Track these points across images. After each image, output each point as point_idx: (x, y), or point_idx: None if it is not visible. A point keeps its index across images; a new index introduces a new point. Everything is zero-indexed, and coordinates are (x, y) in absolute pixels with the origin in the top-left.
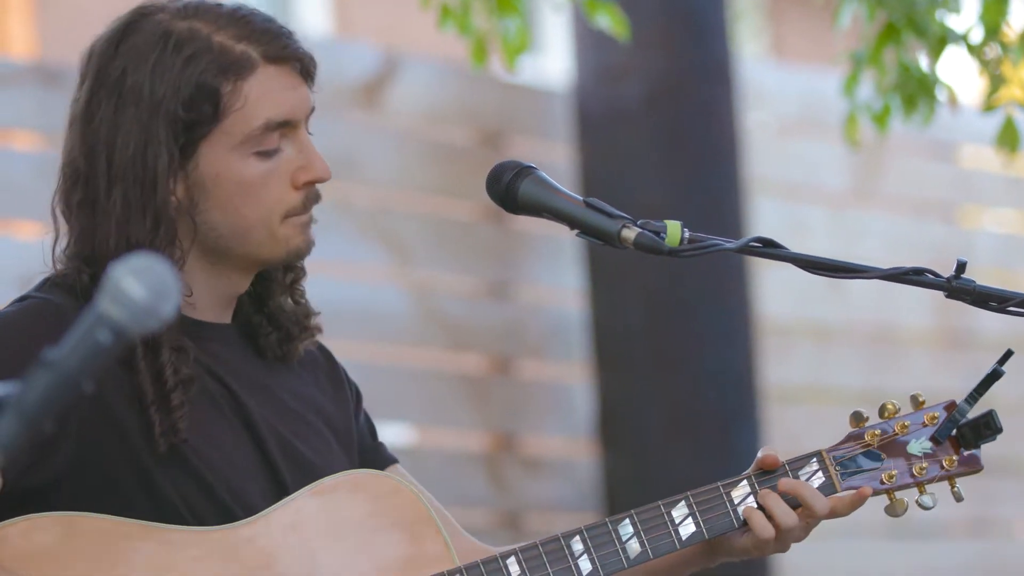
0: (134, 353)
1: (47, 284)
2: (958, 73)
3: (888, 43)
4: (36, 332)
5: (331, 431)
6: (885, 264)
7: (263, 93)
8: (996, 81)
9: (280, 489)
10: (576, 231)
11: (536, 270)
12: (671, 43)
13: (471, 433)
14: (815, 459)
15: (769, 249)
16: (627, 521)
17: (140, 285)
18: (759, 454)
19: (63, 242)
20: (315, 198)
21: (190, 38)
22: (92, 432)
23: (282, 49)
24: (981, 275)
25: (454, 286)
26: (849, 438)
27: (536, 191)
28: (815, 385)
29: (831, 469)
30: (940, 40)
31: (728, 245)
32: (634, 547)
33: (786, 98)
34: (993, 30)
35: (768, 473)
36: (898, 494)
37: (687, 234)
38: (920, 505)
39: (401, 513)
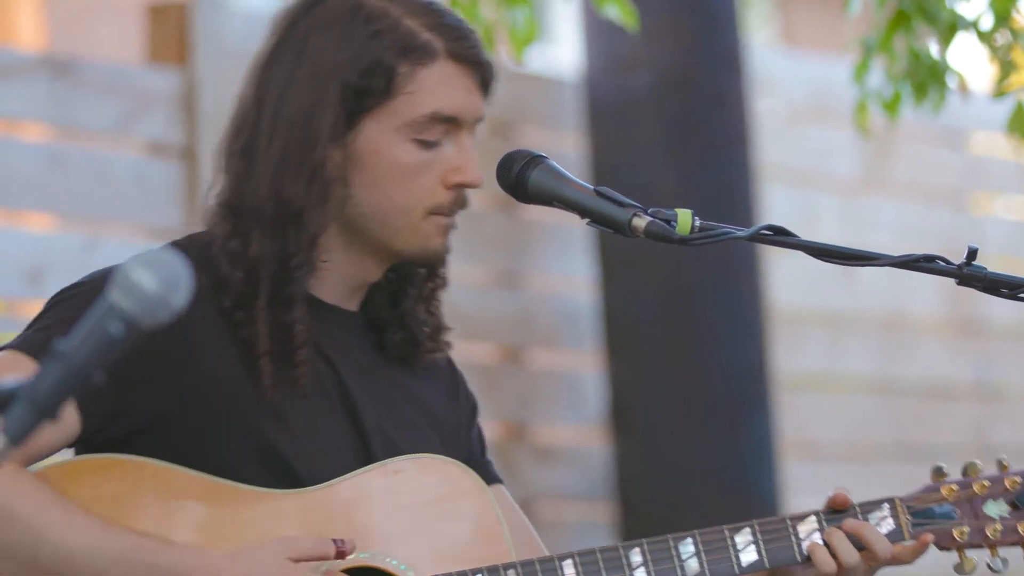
0: (250, 302)
1: (170, 244)
2: (968, 60)
3: (898, 30)
4: None
5: (436, 433)
6: (896, 251)
7: (437, 84)
8: (1007, 67)
9: None
10: (587, 220)
11: (547, 259)
12: (681, 32)
13: (482, 422)
14: (887, 505)
15: (780, 237)
16: (689, 540)
17: (151, 276)
18: (831, 492)
19: (216, 190)
20: (462, 203)
21: (380, 15)
22: (178, 383)
23: (466, 49)
24: (992, 262)
25: (464, 275)
26: (926, 490)
27: (546, 180)
28: (827, 373)
29: (902, 517)
30: (950, 27)
31: (739, 233)
32: (693, 566)
33: (796, 86)
34: (1003, 17)
35: (837, 512)
36: (968, 552)
37: (698, 222)
38: (990, 567)
39: (466, 503)
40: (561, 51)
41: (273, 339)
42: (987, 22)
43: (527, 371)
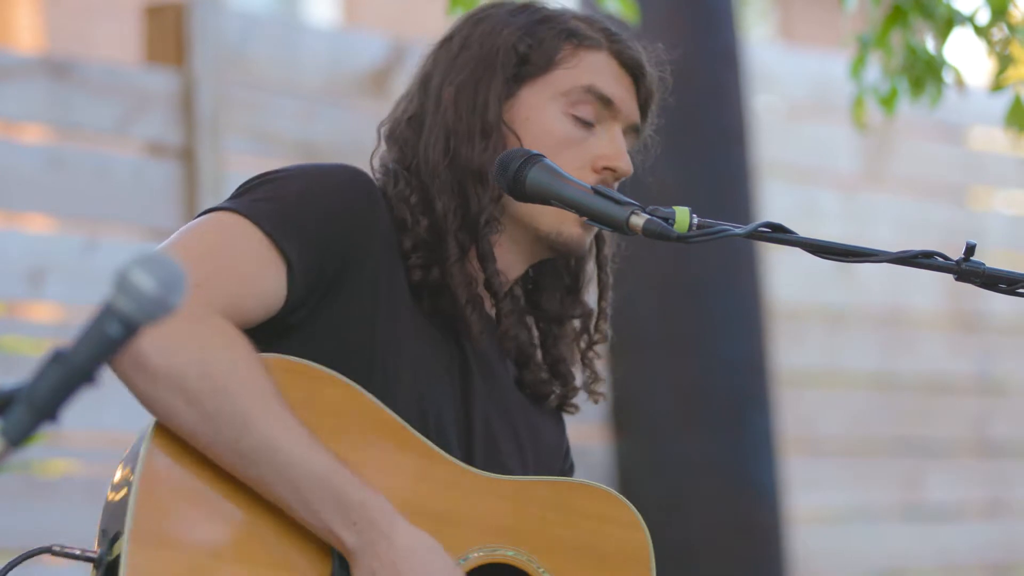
0: (439, 252)
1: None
2: (966, 55)
3: (895, 25)
4: (352, 186)
5: (533, 452)
6: (895, 247)
7: (597, 66)
8: (1004, 62)
9: (467, 462)
10: (584, 218)
11: None
12: (678, 28)
13: None
14: None
15: (778, 234)
16: None
17: (149, 277)
18: None
19: (378, 159)
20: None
21: (549, 12)
22: (356, 290)
23: (626, 51)
24: (991, 257)
25: None
26: None
27: (544, 178)
28: (827, 369)
29: None
30: (947, 22)
31: (737, 230)
32: None
33: (795, 81)
34: (1000, 11)
35: None
36: None
37: (696, 220)
38: None
39: (625, 539)
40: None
41: (469, 290)
42: (984, 16)
43: None
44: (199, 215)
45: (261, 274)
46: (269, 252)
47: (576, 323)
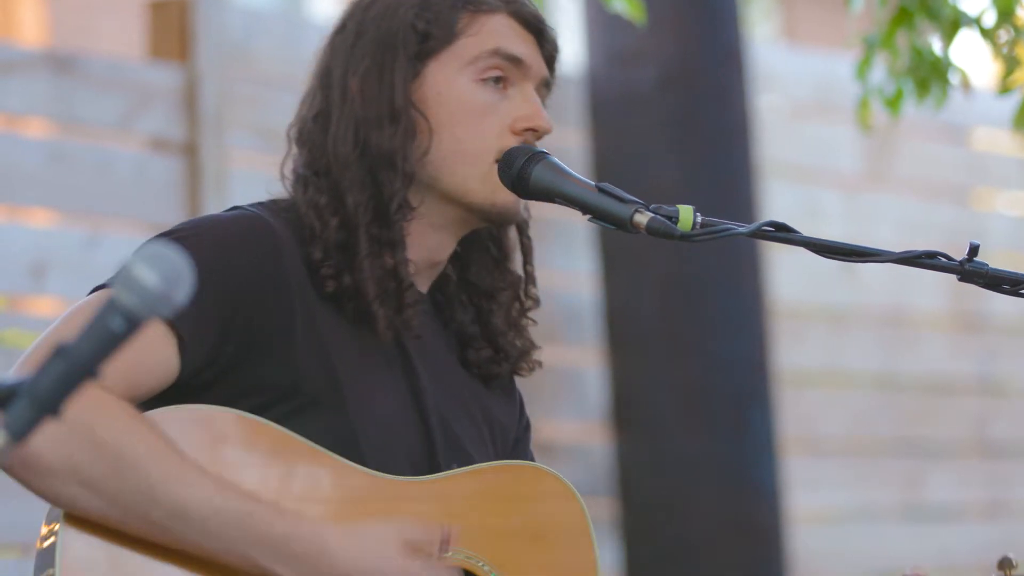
0: (350, 249)
1: (256, 204)
2: (971, 56)
3: (901, 27)
4: (243, 238)
5: (488, 429)
6: (898, 247)
7: (499, 29)
8: (1010, 63)
9: (431, 461)
10: (588, 216)
11: (549, 255)
12: (683, 27)
13: None
14: None
15: (781, 233)
16: None
17: (153, 272)
18: (908, 572)
19: (288, 166)
20: None
21: None
22: (266, 335)
23: (524, 8)
24: (994, 258)
25: None
26: None
27: (548, 176)
28: (828, 369)
29: None
30: (953, 23)
31: (740, 229)
32: None
33: (798, 81)
34: (1006, 13)
35: None
36: None
37: (699, 218)
38: None
39: (562, 518)
40: (563, 46)
41: (380, 284)
42: (990, 18)
43: None
44: (89, 292)
45: (148, 350)
46: (156, 326)
47: (507, 293)
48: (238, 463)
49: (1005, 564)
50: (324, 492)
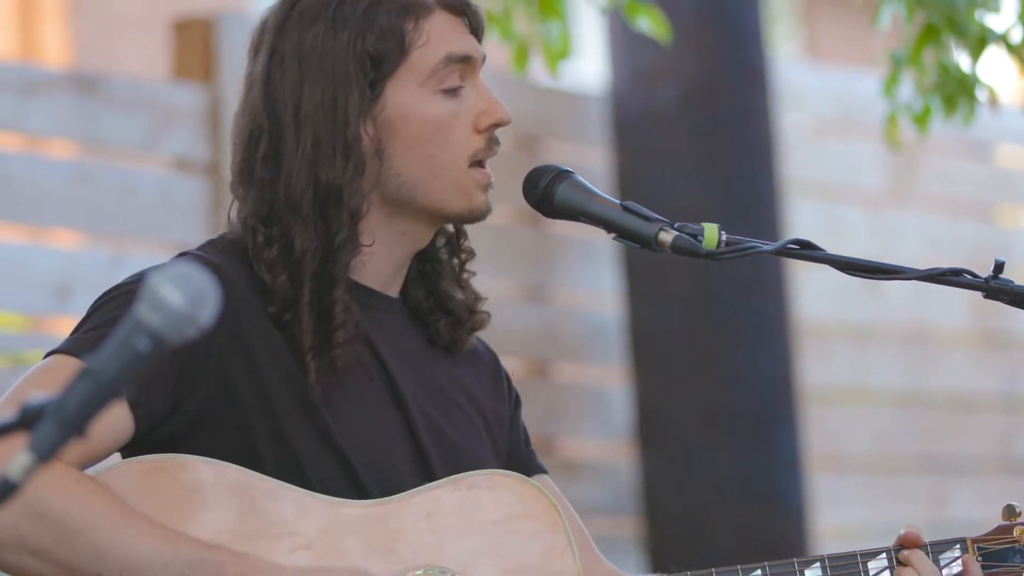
0: (295, 298)
1: (208, 244)
2: (998, 73)
3: (928, 44)
4: None
5: (482, 421)
6: (922, 264)
7: (442, 31)
8: None
9: (424, 466)
10: (613, 235)
11: (573, 273)
12: (706, 45)
13: None
14: (958, 546)
15: (806, 251)
16: (758, 572)
17: (178, 292)
18: (902, 531)
19: (236, 208)
20: (496, 143)
21: None
22: (230, 380)
23: (455, 1)
24: (1019, 275)
25: (491, 290)
26: (998, 531)
27: (573, 195)
28: (853, 386)
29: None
30: (980, 40)
31: (765, 247)
32: None
33: (821, 99)
34: None
35: (908, 550)
36: None
37: (724, 236)
38: None
39: (537, 522)
40: (587, 65)
41: (316, 332)
42: (1017, 35)
43: (554, 385)
44: (45, 356)
45: None
46: None
47: (445, 250)
48: (195, 508)
49: (1009, 511)
50: (287, 527)
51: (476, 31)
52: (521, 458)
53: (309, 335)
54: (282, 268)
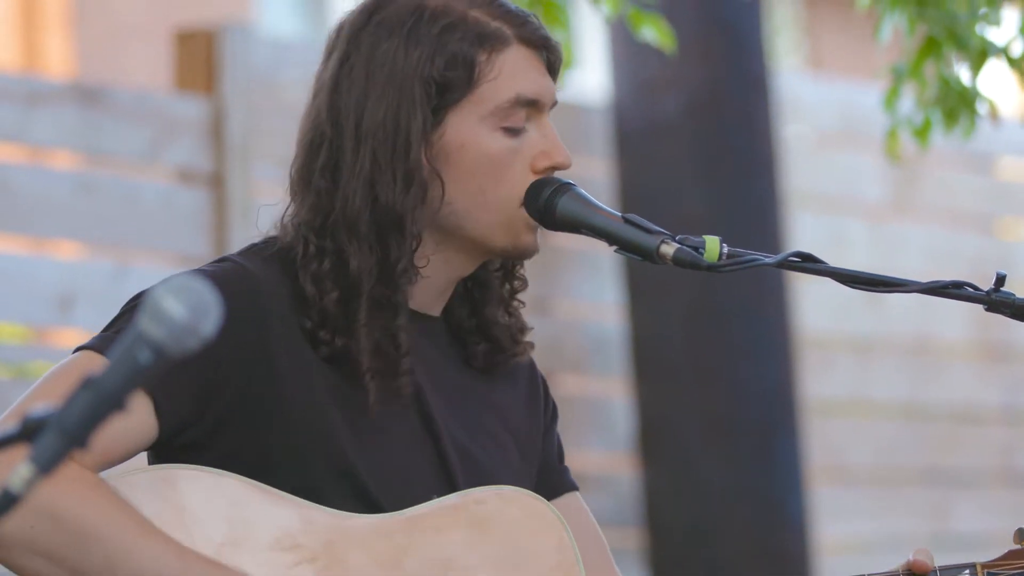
0: (348, 318)
1: (250, 250)
2: (999, 86)
3: (929, 57)
4: (224, 296)
5: (514, 440)
6: (923, 277)
7: (516, 68)
8: None
9: (451, 491)
10: (615, 247)
11: (575, 285)
12: (709, 56)
13: None
14: (968, 571)
15: (808, 263)
16: None
17: (180, 304)
18: (911, 556)
19: (291, 212)
20: None
21: (445, 11)
22: (252, 391)
23: (534, 33)
24: (1020, 287)
25: None
26: (1009, 555)
27: (575, 207)
28: (855, 398)
29: None
30: (981, 53)
31: (767, 260)
32: None
33: (824, 111)
34: None
35: (917, 575)
36: None
37: (726, 249)
38: None
39: (545, 538)
40: (589, 76)
41: (375, 356)
42: (1018, 48)
43: (556, 396)
44: (74, 351)
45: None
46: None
47: (496, 276)
48: (201, 519)
49: (1020, 535)
50: (293, 539)
51: (553, 69)
52: (552, 474)
53: (368, 357)
54: (333, 284)
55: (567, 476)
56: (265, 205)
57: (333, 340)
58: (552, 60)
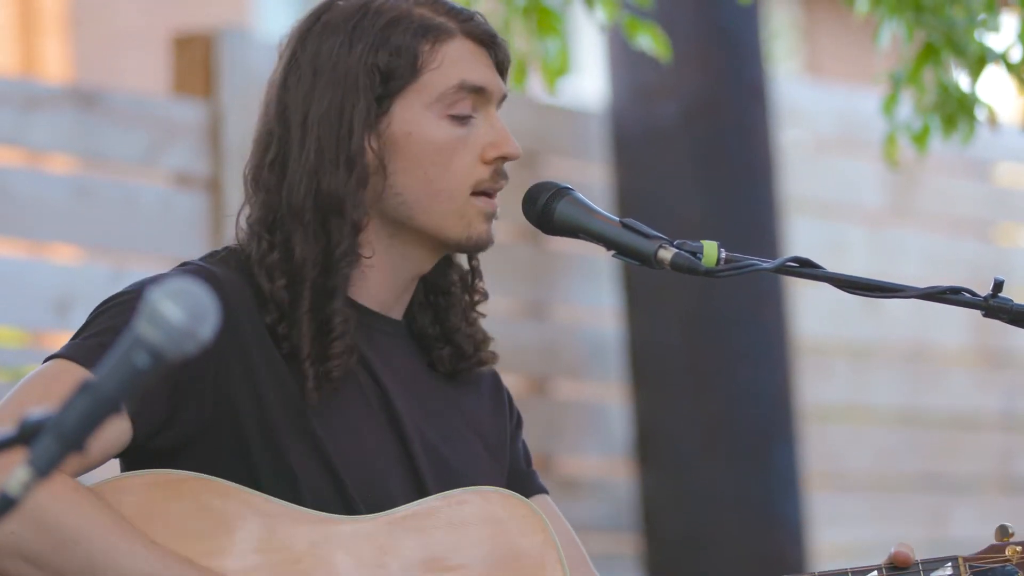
0: (293, 305)
1: (209, 255)
2: (997, 92)
3: (927, 62)
4: None
5: (482, 443)
6: (921, 282)
7: (460, 58)
8: None
9: (419, 488)
10: (612, 252)
11: (572, 290)
12: (706, 62)
13: None
14: (950, 564)
15: (805, 269)
16: None
17: (178, 308)
18: (893, 549)
19: (246, 214)
20: (503, 177)
21: (389, 8)
22: (227, 392)
23: (478, 27)
24: (1018, 293)
25: (490, 306)
26: (990, 549)
27: (572, 212)
28: (853, 404)
29: None
30: (979, 59)
31: (765, 265)
32: None
33: (822, 116)
34: None
35: (899, 569)
36: None
37: (723, 254)
38: None
39: (528, 540)
40: (586, 82)
41: (315, 342)
42: (1016, 54)
43: (553, 402)
44: (44, 360)
45: None
46: None
47: (457, 287)
48: (185, 523)
49: (1002, 531)
50: (277, 542)
51: (501, 67)
52: (521, 478)
53: (307, 343)
54: (281, 274)
55: (536, 479)
56: (230, 216)
57: (291, 334)
58: (499, 58)
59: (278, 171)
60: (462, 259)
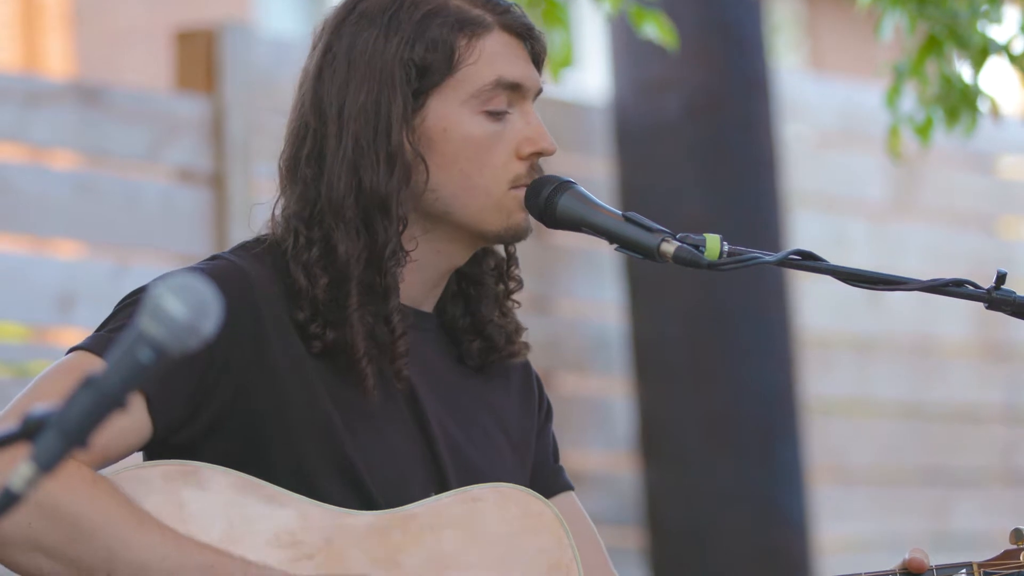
0: (340, 304)
1: (241, 247)
2: (1000, 84)
3: (930, 55)
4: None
5: (507, 439)
6: (925, 276)
7: (497, 53)
8: None
9: (443, 489)
10: (615, 246)
11: (575, 284)
12: (710, 56)
13: None
14: (965, 570)
15: (809, 262)
16: None
17: (180, 303)
18: (907, 555)
19: (281, 205)
20: (538, 172)
21: (425, 0)
22: (249, 389)
23: (516, 21)
24: (1021, 286)
25: None
26: (1004, 555)
27: (575, 206)
28: (856, 398)
29: None
30: (982, 51)
31: (768, 258)
32: None
33: (825, 110)
34: None
35: (913, 575)
36: None
37: (726, 247)
38: None
39: (542, 537)
40: (589, 75)
41: (370, 339)
42: (1019, 45)
43: (556, 396)
44: (68, 352)
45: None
46: None
47: (491, 275)
48: (201, 514)
49: (1017, 535)
50: (292, 536)
51: (537, 59)
52: (546, 473)
53: (362, 341)
54: (322, 271)
55: (562, 476)
56: (258, 204)
57: (325, 333)
58: (536, 50)
59: (315, 165)
60: (497, 247)
